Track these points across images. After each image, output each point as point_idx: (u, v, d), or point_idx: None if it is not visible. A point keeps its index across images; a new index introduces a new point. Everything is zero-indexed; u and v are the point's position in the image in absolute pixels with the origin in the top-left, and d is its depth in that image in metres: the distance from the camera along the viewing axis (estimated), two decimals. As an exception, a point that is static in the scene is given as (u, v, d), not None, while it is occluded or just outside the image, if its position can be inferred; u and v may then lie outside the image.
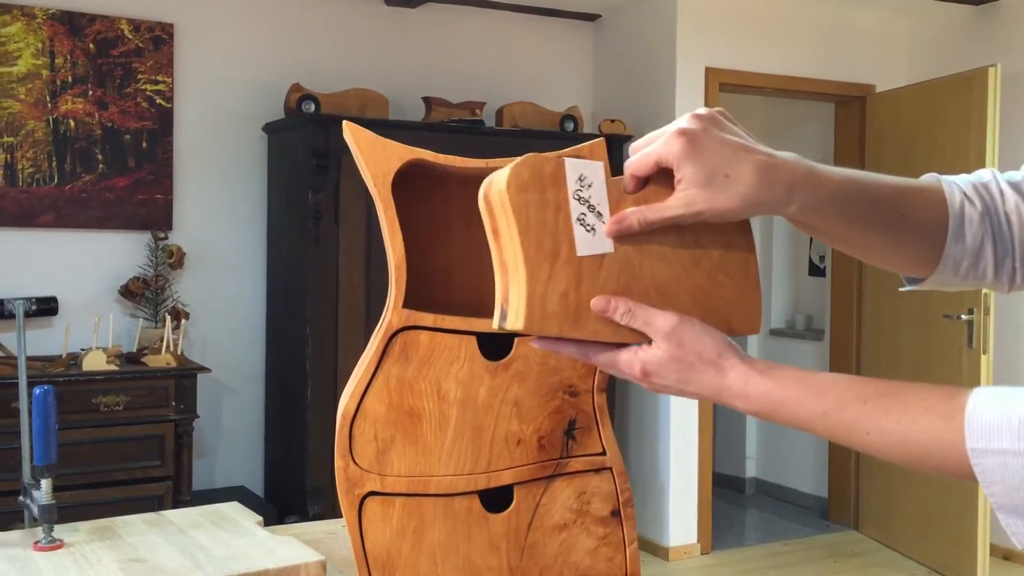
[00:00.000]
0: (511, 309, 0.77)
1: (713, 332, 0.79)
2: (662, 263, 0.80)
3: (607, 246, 0.78)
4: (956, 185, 0.95)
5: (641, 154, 0.80)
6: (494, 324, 0.79)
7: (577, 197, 0.78)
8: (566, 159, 0.79)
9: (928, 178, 0.96)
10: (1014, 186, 0.94)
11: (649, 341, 0.79)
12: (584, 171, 0.79)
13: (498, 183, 0.78)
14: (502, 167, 1.04)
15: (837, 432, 0.76)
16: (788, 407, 0.77)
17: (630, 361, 0.79)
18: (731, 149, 0.78)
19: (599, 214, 0.79)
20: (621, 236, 0.79)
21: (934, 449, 0.71)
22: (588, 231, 0.78)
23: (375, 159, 0.98)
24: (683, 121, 0.80)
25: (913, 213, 0.91)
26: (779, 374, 0.78)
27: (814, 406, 0.76)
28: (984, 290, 3.86)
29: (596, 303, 0.77)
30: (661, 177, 0.80)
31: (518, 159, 0.78)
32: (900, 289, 0.99)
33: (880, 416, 0.74)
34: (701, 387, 0.79)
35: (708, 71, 4.50)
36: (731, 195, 0.77)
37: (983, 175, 0.96)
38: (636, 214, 0.79)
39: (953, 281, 0.93)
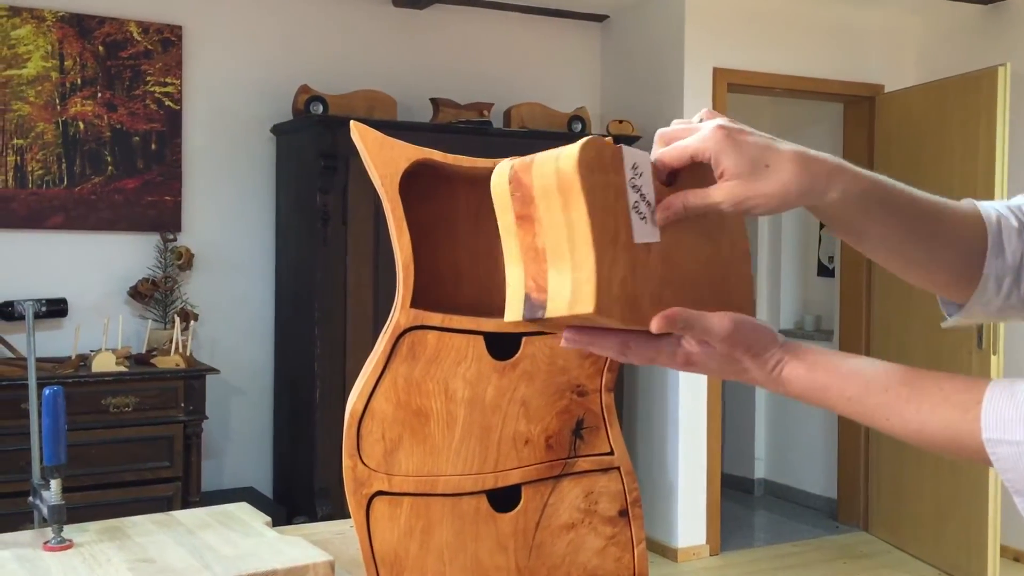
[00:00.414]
0: (562, 294, 0.75)
1: (763, 328, 0.81)
2: (690, 256, 0.81)
3: (655, 235, 0.79)
4: (990, 205, 0.96)
5: (677, 146, 0.81)
6: (518, 314, 0.77)
7: (632, 185, 0.78)
8: (622, 146, 0.79)
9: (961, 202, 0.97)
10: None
11: None
12: (636, 159, 0.79)
13: (563, 163, 0.75)
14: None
15: (863, 417, 0.80)
16: (817, 391, 0.80)
17: (673, 353, 0.80)
18: (766, 142, 0.80)
19: (648, 203, 0.79)
20: (667, 223, 0.80)
21: (952, 437, 0.76)
22: (641, 219, 0.78)
23: (383, 159, 0.98)
24: (714, 122, 0.81)
25: (950, 221, 0.92)
26: (812, 359, 0.81)
27: (841, 391, 0.80)
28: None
29: (657, 324, 0.77)
30: (689, 172, 0.81)
31: (580, 141, 0.76)
32: (943, 325, 0.99)
33: (901, 404, 0.78)
34: (741, 376, 0.82)
35: (716, 71, 4.49)
36: (774, 184, 0.79)
37: (1017, 199, 0.97)
38: (680, 198, 0.80)
39: (995, 302, 0.93)
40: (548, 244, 0.77)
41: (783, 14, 4.65)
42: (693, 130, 0.82)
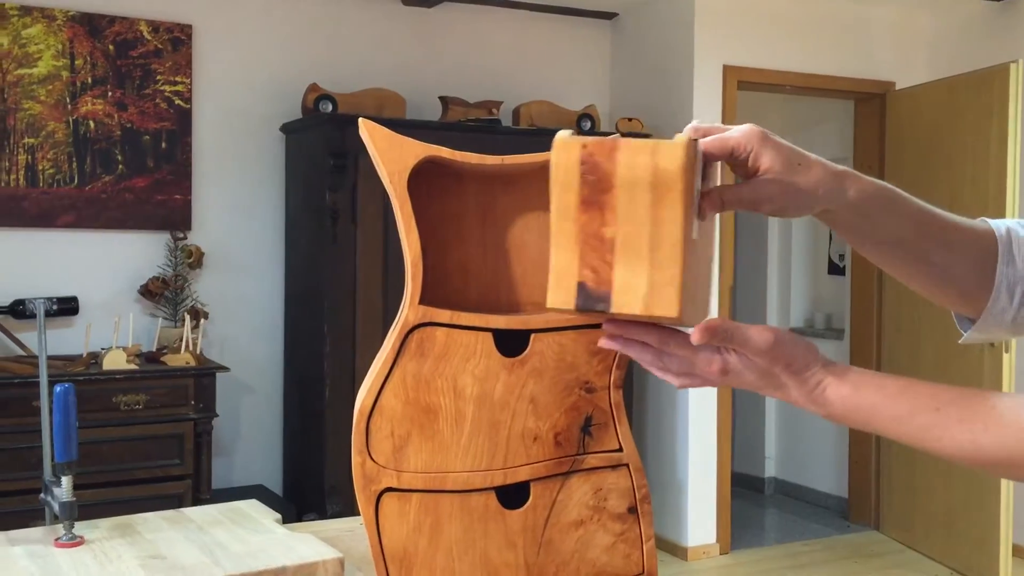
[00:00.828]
0: (635, 292, 0.74)
1: (803, 343, 0.81)
2: (703, 255, 0.81)
3: (696, 231, 0.77)
4: (1000, 221, 0.98)
5: (719, 138, 0.81)
6: (568, 302, 0.75)
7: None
8: (698, 140, 0.77)
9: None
10: None
11: None
12: (698, 155, 0.77)
13: (663, 160, 0.73)
14: (518, 163, 1.04)
15: (910, 437, 0.79)
16: (862, 412, 0.80)
17: (709, 359, 0.80)
18: (792, 145, 0.84)
19: (696, 198, 0.77)
20: (706, 217, 0.81)
21: (1005, 458, 0.76)
22: (697, 215, 0.77)
23: (391, 156, 0.98)
24: (748, 124, 0.84)
25: (959, 231, 0.93)
26: (855, 379, 0.80)
27: (888, 411, 0.79)
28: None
29: (699, 336, 0.77)
30: (709, 167, 0.81)
31: (680, 140, 0.74)
32: (960, 341, 0.98)
33: (952, 424, 0.77)
34: (779, 393, 0.82)
35: (726, 69, 4.48)
36: (810, 179, 0.82)
37: None
38: (718, 193, 0.80)
39: (1009, 312, 0.92)
40: (621, 236, 0.74)
41: (793, 11, 4.64)
42: (725, 128, 0.82)
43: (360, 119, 1.01)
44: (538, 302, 1.07)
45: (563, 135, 0.76)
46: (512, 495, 1.00)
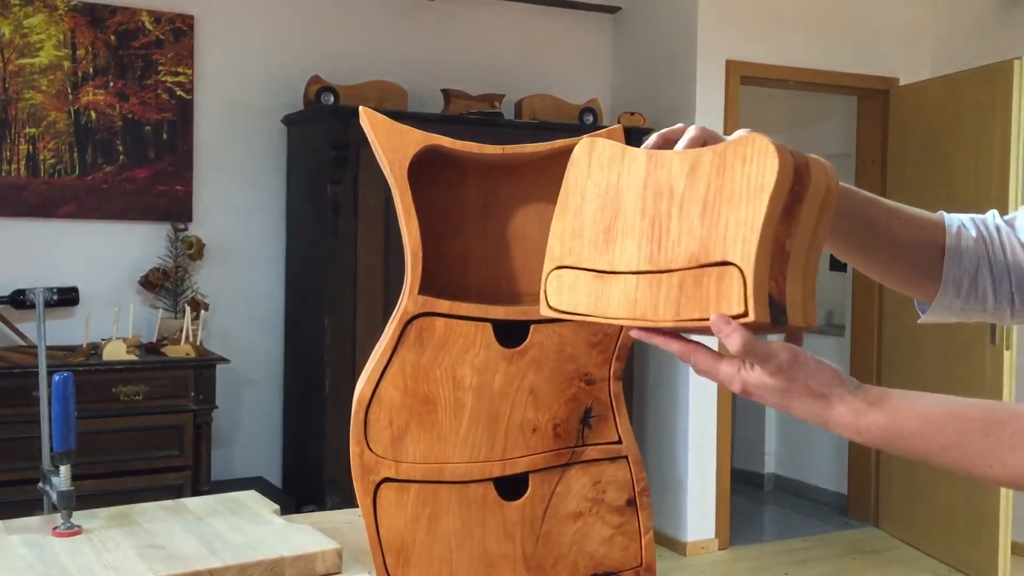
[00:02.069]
0: (795, 306, 0.76)
1: (826, 365, 0.80)
2: None
3: None
4: (955, 216, 1.03)
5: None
6: (764, 314, 0.75)
7: None
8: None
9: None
10: (1008, 222, 1.02)
11: None
12: None
13: (832, 177, 0.75)
14: (519, 152, 1.03)
15: (959, 466, 0.78)
16: (904, 440, 0.78)
17: (732, 376, 0.79)
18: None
19: None
20: None
21: None
22: None
23: (391, 145, 0.98)
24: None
25: (908, 221, 0.99)
26: (892, 405, 0.78)
27: (934, 440, 0.77)
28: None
29: (715, 320, 0.76)
30: None
31: (820, 158, 0.76)
32: (919, 322, 1.05)
33: (1004, 451, 0.75)
34: (803, 414, 0.80)
35: (729, 63, 4.47)
36: None
37: (986, 215, 1.05)
38: None
39: (956, 304, 0.99)
40: (795, 249, 0.76)
41: (797, 6, 4.62)
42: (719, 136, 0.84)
43: (361, 108, 1.00)
44: (538, 293, 1.07)
45: (766, 140, 0.75)
46: (510, 486, 1.00)
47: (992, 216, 1.03)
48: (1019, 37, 4.48)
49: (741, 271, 0.74)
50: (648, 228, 0.78)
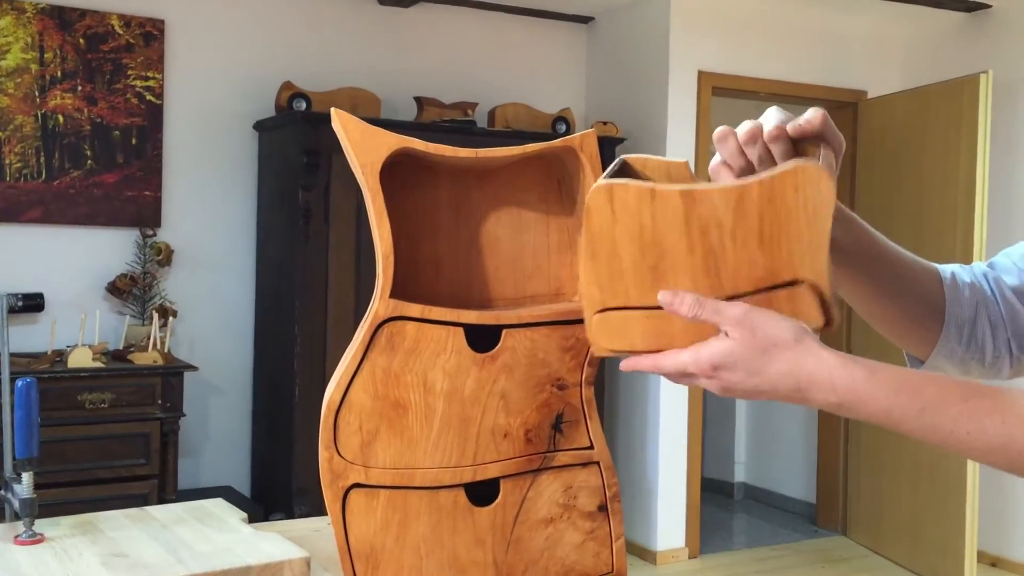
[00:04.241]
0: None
1: (786, 317, 0.78)
2: None
3: None
4: (945, 266, 1.01)
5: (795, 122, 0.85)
6: (820, 319, 0.79)
7: None
8: None
9: None
10: (990, 266, 1.00)
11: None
12: None
13: (824, 186, 0.77)
14: (492, 156, 1.03)
15: (933, 431, 0.74)
16: (879, 401, 0.74)
17: (696, 358, 0.77)
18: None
19: None
20: None
21: None
22: None
23: (364, 148, 0.97)
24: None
25: (914, 262, 0.97)
26: (869, 365, 0.76)
27: (911, 401, 0.74)
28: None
29: (663, 297, 0.78)
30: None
31: (821, 165, 0.78)
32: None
33: (983, 416, 0.72)
34: (777, 378, 0.76)
35: (701, 75, 4.50)
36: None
37: (970, 265, 1.03)
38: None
39: (958, 352, 0.95)
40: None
41: (768, 19, 4.67)
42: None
43: (333, 109, 0.99)
44: (510, 297, 1.06)
45: (815, 167, 0.78)
46: (481, 492, 0.99)
47: (976, 265, 1.02)
48: (986, 51, 4.55)
49: (814, 286, 0.79)
50: (701, 263, 0.80)
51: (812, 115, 0.82)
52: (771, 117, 0.83)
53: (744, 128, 0.83)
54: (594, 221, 0.82)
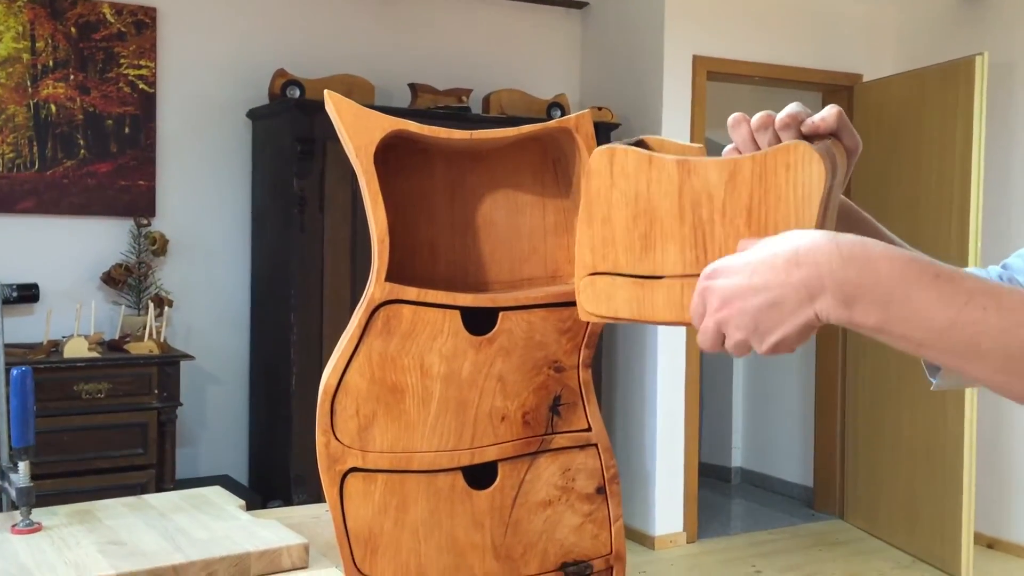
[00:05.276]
0: None
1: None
2: None
3: None
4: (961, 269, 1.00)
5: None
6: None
7: None
8: None
9: None
10: (1004, 267, 0.99)
11: None
12: None
13: (815, 168, 0.76)
14: (487, 138, 1.02)
15: (948, 302, 0.66)
16: (892, 263, 0.67)
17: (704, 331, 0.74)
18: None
19: None
20: None
21: None
22: None
23: (357, 130, 0.96)
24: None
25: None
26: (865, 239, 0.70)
27: (924, 268, 0.67)
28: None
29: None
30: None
31: (824, 153, 0.77)
32: (932, 388, 0.96)
33: (1001, 293, 0.66)
34: (770, 258, 0.70)
35: (696, 59, 4.49)
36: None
37: (985, 269, 1.02)
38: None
39: None
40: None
41: (763, 3, 4.65)
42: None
43: (326, 91, 0.99)
44: (506, 280, 1.06)
45: (808, 147, 0.77)
46: (479, 475, 0.99)
47: (991, 268, 1.00)
48: (981, 33, 4.54)
49: None
50: (690, 234, 0.79)
51: (827, 113, 0.81)
52: (787, 107, 0.82)
53: (757, 115, 0.83)
54: (593, 184, 0.82)
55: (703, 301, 0.74)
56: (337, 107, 0.97)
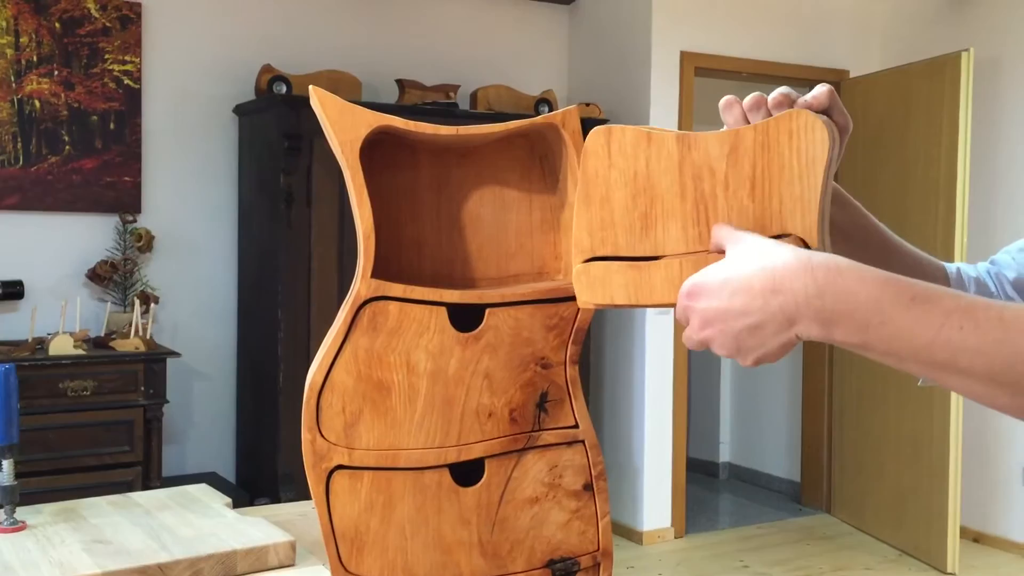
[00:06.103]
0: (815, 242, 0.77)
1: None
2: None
3: None
4: (949, 263, 1.00)
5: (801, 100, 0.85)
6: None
7: None
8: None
9: None
10: (992, 262, 1.00)
11: None
12: None
13: (819, 135, 0.75)
14: (473, 134, 1.02)
15: (924, 326, 0.66)
16: (867, 288, 0.67)
17: (688, 338, 0.75)
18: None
19: None
20: None
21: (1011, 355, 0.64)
22: None
23: (342, 125, 0.96)
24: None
25: (911, 256, 0.96)
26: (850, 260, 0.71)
27: (900, 291, 0.67)
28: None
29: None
30: None
31: (827, 121, 0.77)
32: (919, 384, 0.95)
33: (977, 310, 0.66)
34: (749, 278, 0.70)
35: (683, 55, 4.49)
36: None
37: (975, 264, 1.03)
38: None
39: None
40: (826, 207, 0.83)
41: (750, -2, 4.66)
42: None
43: (311, 87, 0.98)
44: (493, 276, 1.06)
45: (811, 115, 0.77)
46: (466, 472, 0.98)
47: (979, 264, 1.01)
48: (967, 29, 4.56)
49: (804, 241, 0.76)
50: (692, 210, 0.78)
51: (819, 91, 0.81)
52: (779, 88, 0.83)
53: (750, 96, 0.83)
54: (590, 164, 0.81)
55: (685, 318, 0.75)
56: (322, 102, 0.96)
